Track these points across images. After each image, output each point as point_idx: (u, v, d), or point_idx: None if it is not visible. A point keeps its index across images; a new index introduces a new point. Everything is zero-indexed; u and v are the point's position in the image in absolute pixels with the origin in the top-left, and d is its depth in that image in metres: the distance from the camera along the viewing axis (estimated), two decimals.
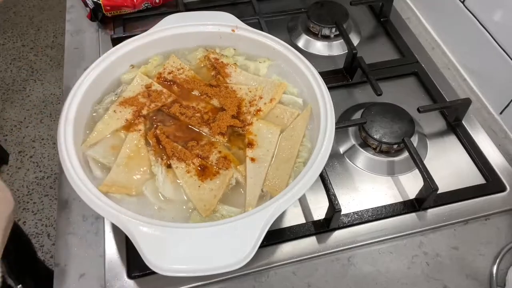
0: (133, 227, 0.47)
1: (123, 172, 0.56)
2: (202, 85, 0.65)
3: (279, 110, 0.63)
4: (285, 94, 0.65)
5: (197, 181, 0.55)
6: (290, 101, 0.64)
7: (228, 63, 0.67)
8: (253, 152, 0.58)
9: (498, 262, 0.59)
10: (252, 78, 0.66)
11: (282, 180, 0.56)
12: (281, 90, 0.64)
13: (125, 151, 0.57)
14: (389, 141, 0.68)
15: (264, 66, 0.68)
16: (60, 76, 2.05)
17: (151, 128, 0.61)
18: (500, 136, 0.75)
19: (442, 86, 0.80)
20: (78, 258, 0.59)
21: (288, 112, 0.63)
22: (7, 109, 1.96)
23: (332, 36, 0.88)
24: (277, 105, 0.64)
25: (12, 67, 2.13)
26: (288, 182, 0.55)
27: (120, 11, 0.90)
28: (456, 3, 0.81)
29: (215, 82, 0.65)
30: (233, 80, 0.66)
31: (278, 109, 0.63)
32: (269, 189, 0.55)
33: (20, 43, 2.23)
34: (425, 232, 0.63)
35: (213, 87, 0.65)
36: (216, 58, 0.68)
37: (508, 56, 0.72)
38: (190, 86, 0.65)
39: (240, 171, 0.57)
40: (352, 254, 0.61)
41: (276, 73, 0.67)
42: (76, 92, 0.59)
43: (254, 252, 0.46)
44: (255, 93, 0.64)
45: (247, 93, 0.64)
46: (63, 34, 0.98)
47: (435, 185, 0.61)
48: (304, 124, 0.61)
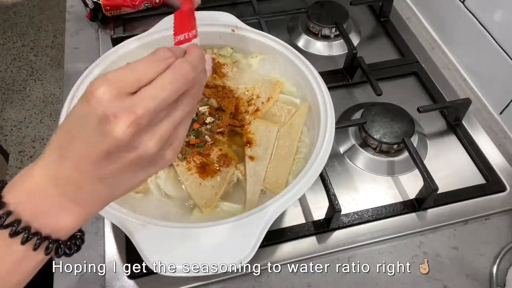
0: (133, 227, 0.47)
1: None
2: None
3: (277, 108, 0.63)
4: (283, 94, 0.65)
5: (198, 179, 0.56)
6: (287, 101, 0.64)
7: (225, 63, 0.67)
8: (252, 151, 0.58)
9: (498, 262, 0.59)
10: (249, 78, 0.66)
11: (282, 177, 0.56)
12: (278, 88, 0.64)
13: None
14: (389, 141, 0.68)
15: (256, 61, 0.68)
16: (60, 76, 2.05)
17: None
18: (500, 136, 0.75)
19: (442, 86, 0.80)
20: (78, 258, 0.58)
21: (285, 109, 0.63)
22: (7, 109, 1.96)
23: (332, 36, 0.88)
24: (275, 103, 0.64)
25: (12, 67, 2.12)
26: (288, 179, 0.55)
27: (120, 11, 0.89)
28: (456, 3, 0.81)
29: (212, 83, 0.65)
30: (230, 80, 0.66)
31: (275, 107, 0.63)
32: (269, 187, 0.56)
33: (20, 43, 2.23)
34: (425, 232, 0.63)
35: (210, 88, 0.65)
36: (213, 58, 0.68)
37: (508, 56, 0.72)
38: None
39: (240, 169, 0.57)
40: (352, 254, 0.60)
41: (276, 72, 0.67)
42: (76, 92, 0.59)
43: (254, 252, 0.46)
44: (252, 92, 0.64)
45: (245, 92, 0.64)
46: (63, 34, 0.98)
47: (435, 185, 0.61)
48: (302, 120, 0.61)
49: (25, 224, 0.32)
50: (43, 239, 0.32)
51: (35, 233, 0.32)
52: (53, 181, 0.33)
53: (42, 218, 0.33)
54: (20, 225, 0.32)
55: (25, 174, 0.34)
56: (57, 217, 0.33)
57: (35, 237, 0.32)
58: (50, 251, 0.33)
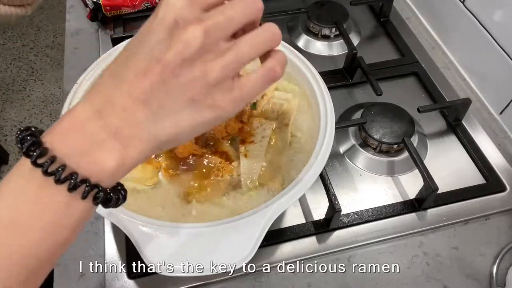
0: (133, 227, 0.47)
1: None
2: None
3: (271, 105, 0.64)
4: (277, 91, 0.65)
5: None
6: (281, 96, 0.64)
7: None
8: (246, 148, 0.58)
9: (498, 262, 0.59)
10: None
11: (278, 172, 0.56)
12: (273, 86, 0.64)
13: None
14: (389, 141, 0.68)
15: (249, 65, 0.68)
16: (60, 76, 2.05)
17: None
18: (500, 136, 0.75)
19: (442, 86, 0.80)
20: (78, 258, 0.59)
21: (277, 105, 0.63)
22: (7, 109, 1.96)
23: (332, 36, 0.88)
24: (269, 100, 0.64)
25: (12, 67, 2.13)
26: (284, 175, 0.56)
27: (120, 11, 0.89)
28: (456, 3, 0.81)
29: None
30: None
31: (270, 104, 0.64)
32: (266, 182, 0.55)
33: (20, 43, 2.23)
34: (425, 232, 0.63)
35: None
36: None
37: (508, 56, 0.72)
38: None
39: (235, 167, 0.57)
40: (352, 254, 0.61)
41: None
42: (76, 92, 0.59)
43: (254, 252, 0.46)
44: None
45: None
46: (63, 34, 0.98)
47: (435, 185, 0.61)
48: (293, 114, 0.61)
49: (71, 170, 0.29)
50: (92, 187, 0.29)
51: (84, 180, 0.29)
52: (96, 115, 0.30)
53: (79, 157, 0.29)
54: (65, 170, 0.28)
55: (67, 114, 0.30)
56: (97, 156, 0.30)
57: (84, 184, 0.29)
58: (100, 199, 0.30)
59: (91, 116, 0.30)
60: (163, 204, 0.54)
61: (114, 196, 0.31)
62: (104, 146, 0.30)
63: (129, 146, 0.30)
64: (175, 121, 0.31)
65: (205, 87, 0.30)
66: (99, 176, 0.30)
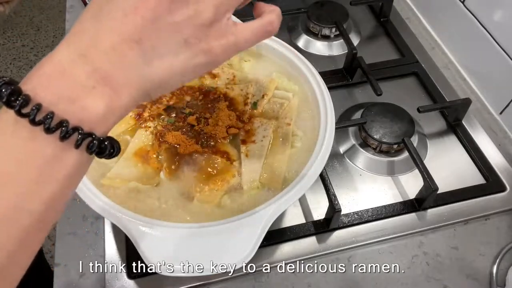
0: (133, 227, 0.47)
1: (130, 166, 0.56)
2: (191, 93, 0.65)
3: (272, 104, 0.63)
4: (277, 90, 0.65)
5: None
6: (281, 95, 0.64)
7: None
8: (247, 148, 0.58)
9: (498, 262, 0.59)
10: (240, 77, 0.66)
11: (278, 171, 0.56)
12: (273, 85, 0.64)
13: (133, 146, 0.58)
14: (389, 141, 0.68)
15: (247, 66, 0.68)
16: None
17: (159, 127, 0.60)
18: (500, 136, 0.75)
19: (442, 86, 0.80)
20: (78, 258, 0.59)
21: (278, 104, 0.63)
22: None
23: (332, 36, 0.88)
24: (270, 99, 0.64)
25: (12, 67, 2.13)
26: (284, 174, 0.55)
27: None
28: (456, 3, 0.81)
29: (204, 87, 0.65)
30: (222, 81, 0.66)
31: (270, 103, 0.64)
32: (266, 182, 0.55)
33: (20, 43, 2.23)
34: (425, 232, 0.63)
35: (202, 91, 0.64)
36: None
37: (508, 56, 0.72)
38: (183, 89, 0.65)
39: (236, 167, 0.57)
40: (352, 254, 0.61)
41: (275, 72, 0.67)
42: None
43: (254, 252, 0.46)
44: (246, 91, 0.64)
45: (239, 92, 0.64)
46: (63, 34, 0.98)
47: (435, 185, 0.61)
48: (294, 113, 0.61)
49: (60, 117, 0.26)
50: (85, 135, 0.27)
51: (76, 128, 0.27)
52: (81, 59, 0.27)
53: (66, 104, 0.27)
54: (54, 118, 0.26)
55: (47, 59, 0.28)
56: (86, 102, 0.27)
57: (76, 132, 0.27)
58: (94, 148, 0.28)
59: (76, 59, 0.27)
60: (163, 204, 0.54)
61: (109, 145, 0.29)
62: (93, 93, 0.27)
63: (119, 91, 0.28)
64: (169, 63, 0.29)
65: (199, 27, 0.29)
66: (91, 124, 0.28)
